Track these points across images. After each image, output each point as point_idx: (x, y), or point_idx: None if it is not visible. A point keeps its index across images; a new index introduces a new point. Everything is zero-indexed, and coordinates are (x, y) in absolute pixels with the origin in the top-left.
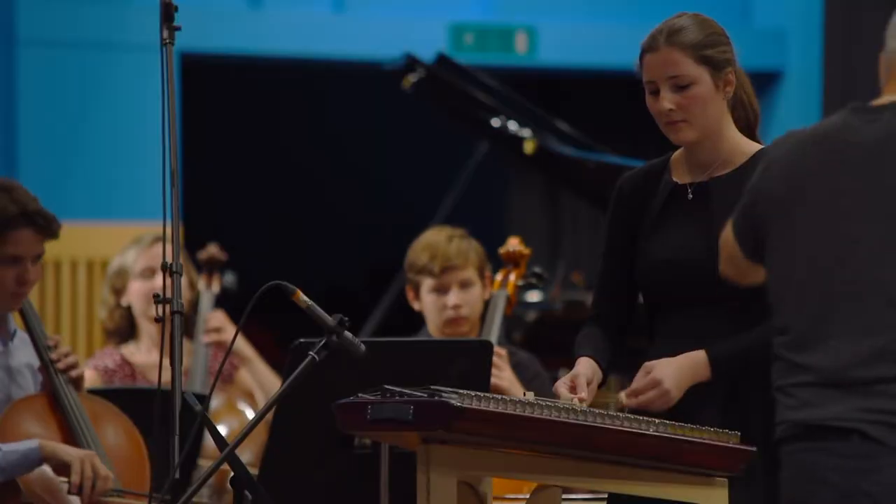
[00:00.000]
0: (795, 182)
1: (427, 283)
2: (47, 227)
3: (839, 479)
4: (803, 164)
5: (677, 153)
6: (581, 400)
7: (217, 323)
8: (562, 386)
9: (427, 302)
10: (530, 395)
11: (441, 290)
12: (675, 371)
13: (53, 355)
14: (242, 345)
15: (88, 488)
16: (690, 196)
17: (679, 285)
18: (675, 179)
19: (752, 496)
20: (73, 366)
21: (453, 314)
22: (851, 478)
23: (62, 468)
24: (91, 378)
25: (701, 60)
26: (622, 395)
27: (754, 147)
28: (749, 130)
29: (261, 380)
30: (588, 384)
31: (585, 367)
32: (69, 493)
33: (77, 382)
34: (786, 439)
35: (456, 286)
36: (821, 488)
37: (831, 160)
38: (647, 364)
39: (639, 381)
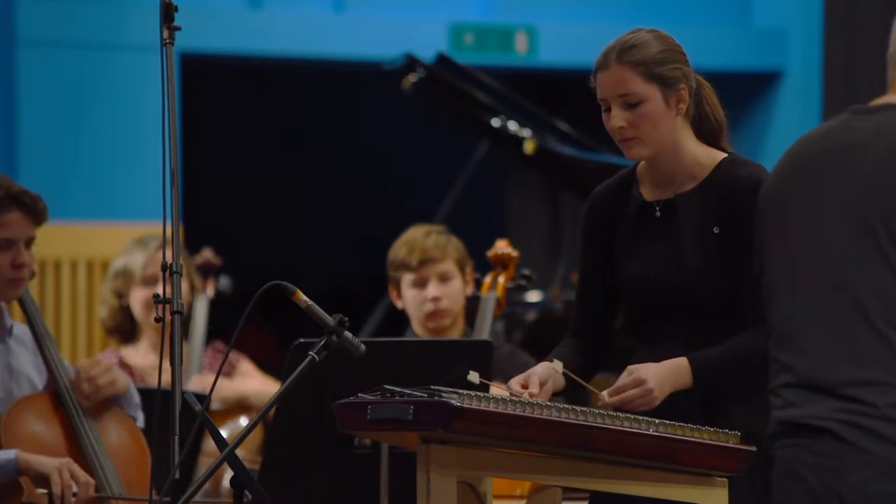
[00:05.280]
0: (789, 181)
1: (407, 279)
2: (34, 207)
3: (813, 478)
4: (798, 163)
5: (642, 164)
6: (532, 395)
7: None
8: (514, 382)
9: (408, 297)
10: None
11: (420, 283)
12: (658, 373)
13: (85, 386)
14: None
15: (69, 497)
16: (658, 214)
17: (654, 303)
18: (642, 194)
19: (735, 494)
20: (110, 383)
21: (433, 307)
22: (824, 477)
23: (40, 480)
24: None
25: (651, 78)
26: (605, 394)
27: (716, 157)
28: (714, 138)
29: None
30: (542, 384)
31: (541, 367)
32: (50, 503)
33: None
34: (772, 438)
35: (434, 278)
36: (797, 485)
37: (818, 161)
38: (631, 366)
39: (622, 379)
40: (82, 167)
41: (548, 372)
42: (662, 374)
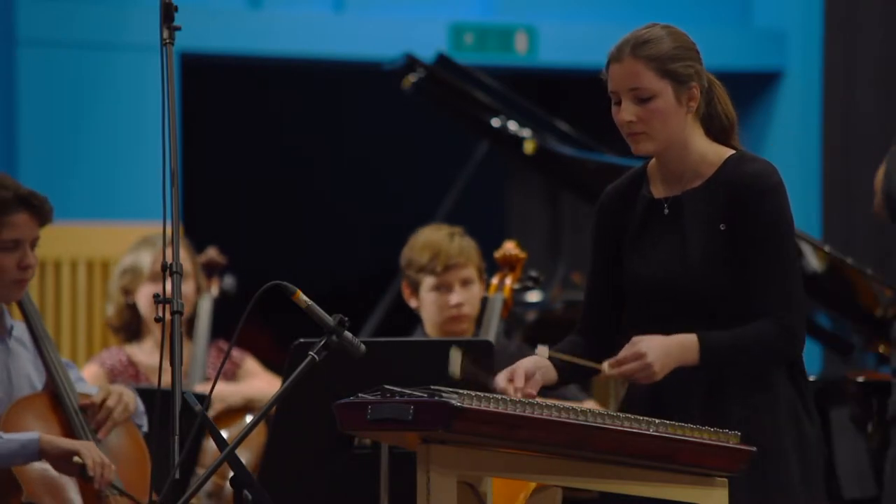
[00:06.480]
0: None
1: (428, 282)
2: (42, 209)
3: None
4: None
5: (652, 162)
6: (517, 389)
7: None
8: (501, 378)
9: (427, 300)
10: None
11: (443, 288)
12: (661, 348)
13: (100, 416)
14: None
15: (100, 472)
16: (666, 211)
17: (660, 302)
18: (651, 192)
19: (735, 494)
20: (126, 407)
21: (456, 312)
22: None
23: (63, 462)
24: (96, 373)
25: (664, 74)
26: (605, 365)
27: (723, 154)
28: (725, 136)
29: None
30: (529, 377)
31: (528, 360)
32: (85, 476)
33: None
34: (892, 420)
35: (458, 284)
36: None
37: None
38: (636, 338)
39: (624, 351)
40: (82, 167)
41: (534, 364)
42: (666, 349)
